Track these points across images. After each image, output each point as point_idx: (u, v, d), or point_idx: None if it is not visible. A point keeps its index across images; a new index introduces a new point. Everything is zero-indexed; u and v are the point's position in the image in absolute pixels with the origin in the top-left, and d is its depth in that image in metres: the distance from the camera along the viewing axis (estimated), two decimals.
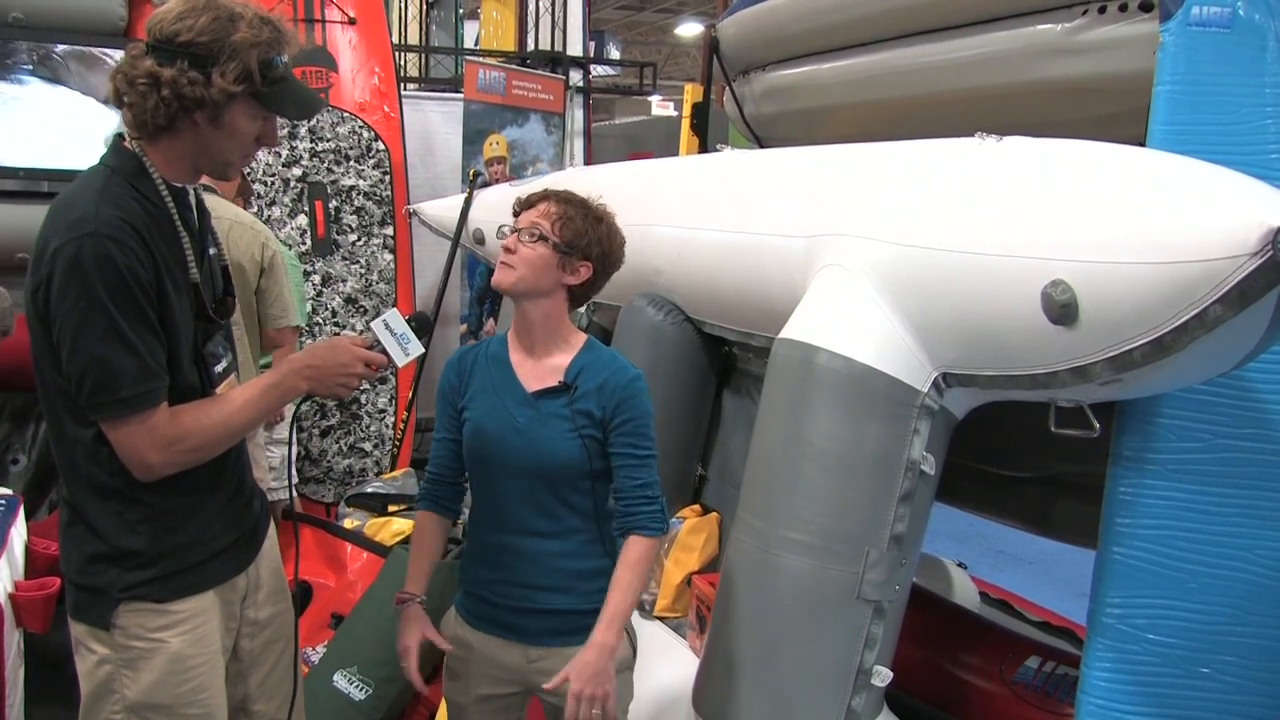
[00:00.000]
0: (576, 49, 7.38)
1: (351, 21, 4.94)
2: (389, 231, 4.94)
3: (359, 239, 4.88)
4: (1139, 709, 1.92)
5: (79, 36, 4.66)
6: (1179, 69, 1.93)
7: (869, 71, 3.18)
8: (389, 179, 4.94)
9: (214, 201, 3.20)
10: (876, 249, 1.98)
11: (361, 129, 4.87)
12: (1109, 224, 1.60)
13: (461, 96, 6.06)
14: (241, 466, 1.92)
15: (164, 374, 1.66)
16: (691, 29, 20.00)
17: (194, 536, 1.77)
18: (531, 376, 1.99)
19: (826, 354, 1.95)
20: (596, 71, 8.76)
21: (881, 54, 3.12)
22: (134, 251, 1.59)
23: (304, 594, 3.78)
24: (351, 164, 4.85)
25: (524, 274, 1.93)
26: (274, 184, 4.69)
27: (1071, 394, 1.76)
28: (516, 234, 1.96)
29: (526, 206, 2.00)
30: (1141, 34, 2.30)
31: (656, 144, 9.65)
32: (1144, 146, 1.92)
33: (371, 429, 4.87)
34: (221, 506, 1.83)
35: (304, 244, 4.77)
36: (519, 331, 2.02)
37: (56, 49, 4.60)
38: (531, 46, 7.37)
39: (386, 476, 4.48)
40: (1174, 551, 1.91)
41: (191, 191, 1.80)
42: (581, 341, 2.02)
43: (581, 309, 3.09)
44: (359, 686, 3.07)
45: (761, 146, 4.00)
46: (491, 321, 5.95)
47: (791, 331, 2.07)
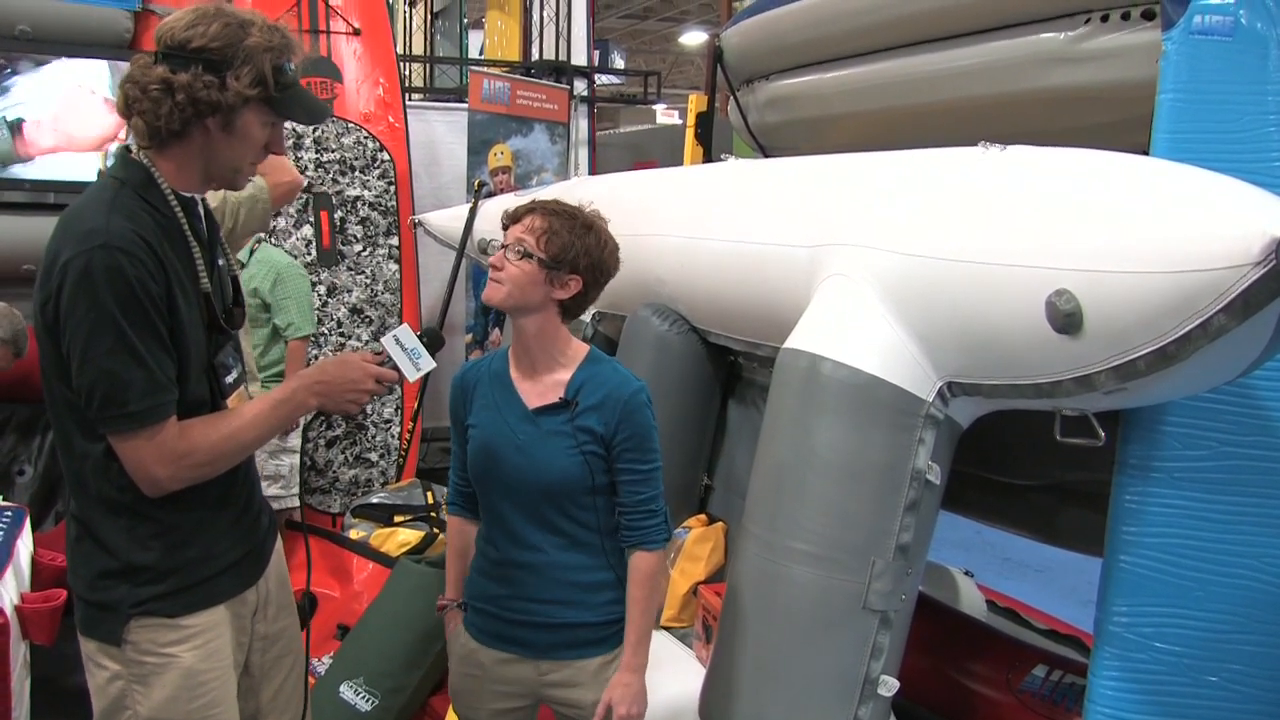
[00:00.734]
0: (581, 58, 7.39)
1: (356, 32, 4.95)
2: (394, 242, 4.95)
3: (364, 249, 4.89)
4: (1147, 717, 1.91)
5: (84, 49, 4.69)
6: (1182, 77, 1.93)
7: (873, 81, 3.18)
8: (394, 189, 4.95)
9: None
10: (880, 258, 1.98)
11: (366, 139, 4.88)
12: (1112, 233, 1.59)
13: (466, 106, 6.07)
14: (251, 482, 1.92)
15: (173, 388, 1.65)
16: (695, 38, 20.06)
17: (204, 551, 1.77)
18: (532, 393, 1.98)
19: (831, 363, 1.95)
20: (601, 81, 8.78)
21: (885, 63, 3.12)
22: (144, 264, 1.59)
23: (309, 605, 3.78)
24: (356, 174, 4.86)
25: (511, 291, 1.91)
26: None
27: (1076, 403, 1.76)
28: (503, 250, 1.93)
29: (513, 221, 1.97)
30: (1144, 42, 2.30)
31: (661, 153, 9.66)
32: (1147, 155, 1.93)
33: (377, 439, 4.87)
34: (231, 521, 1.83)
35: (309, 254, 4.77)
36: (517, 347, 2.02)
37: None
38: (536, 56, 7.40)
39: (392, 487, 4.47)
40: (1180, 559, 1.90)
41: (200, 201, 1.80)
42: (582, 354, 2.01)
43: (586, 318, 3.09)
44: (365, 697, 3.07)
45: (766, 155, 4.01)
46: (497, 331, 5.95)
47: (796, 341, 2.07)
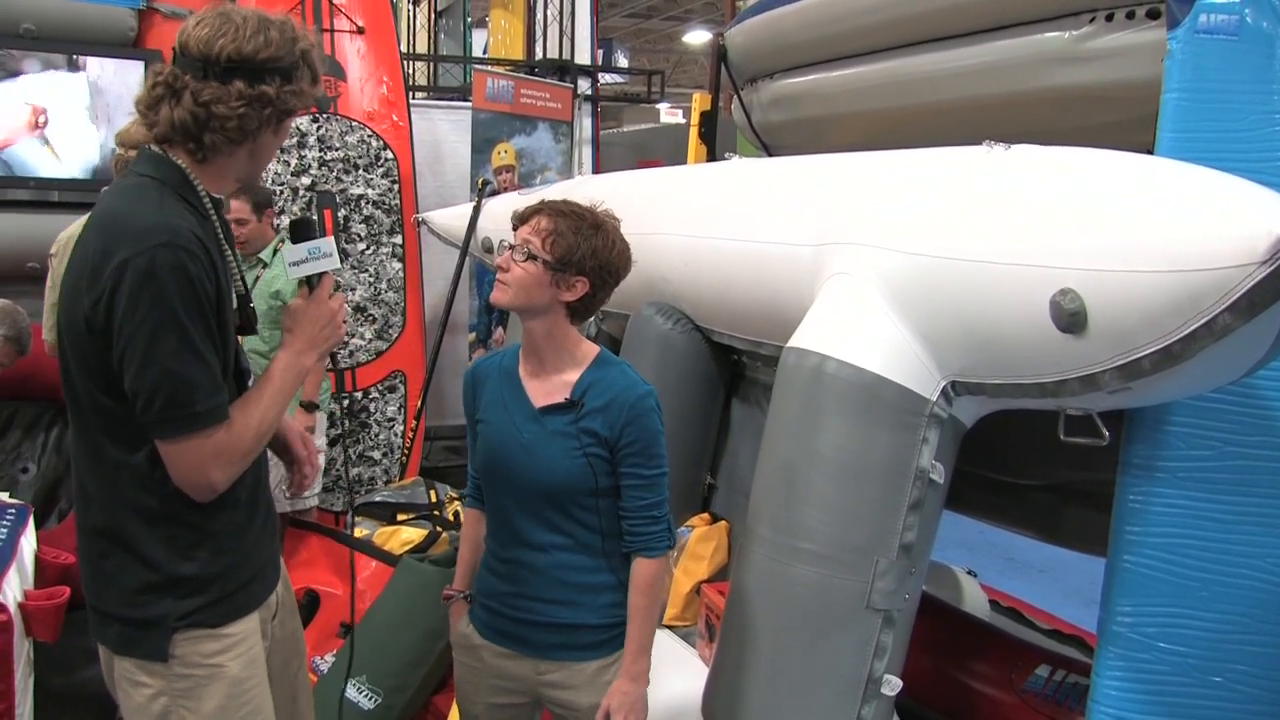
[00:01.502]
0: (584, 57, 7.40)
1: (360, 31, 4.95)
2: (398, 240, 4.95)
3: (368, 247, 4.89)
4: (1150, 717, 1.91)
5: (89, 48, 4.69)
6: (1187, 76, 1.93)
7: (877, 80, 3.18)
8: (397, 188, 4.95)
9: None
10: (885, 257, 1.98)
11: (370, 138, 4.88)
12: (1117, 232, 1.59)
13: (470, 105, 6.08)
14: (265, 484, 1.90)
15: (225, 389, 1.62)
16: (699, 37, 20.03)
17: (241, 557, 1.74)
18: (540, 392, 1.98)
19: (835, 362, 1.95)
20: (604, 79, 8.80)
21: (889, 62, 3.12)
22: (203, 263, 1.56)
23: (311, 603, 3.78)
24: (360, 173, 4.86)
25: (516, 293, 1.90)
26: (283, 193, 4.70)
27: (1080, 402, 1.76)
28: (510, 251, 1.93)
29: (521, 221, 1.96)
30: (1149, 41, 2.30)
31: (665, 152, 9.65)
32: (1152, 154, 1.92)
33: (380, 437, 4.87)
34: (260, 525, 1.81)
35: None
36: (527, 347, 2.01)
37: None
38: (540, 55, 7.41)
39: (395, 485, 4.47)
40: (1184, 559, 1.90)
41: (224, 203, 1.80)
42: (591, 355, 2.00)
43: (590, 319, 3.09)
44: (368, 696, 3.07)
45: (769, 154, 4.01)
46: (500, 330, 5.95)
47: (800, 340, 2.07)
